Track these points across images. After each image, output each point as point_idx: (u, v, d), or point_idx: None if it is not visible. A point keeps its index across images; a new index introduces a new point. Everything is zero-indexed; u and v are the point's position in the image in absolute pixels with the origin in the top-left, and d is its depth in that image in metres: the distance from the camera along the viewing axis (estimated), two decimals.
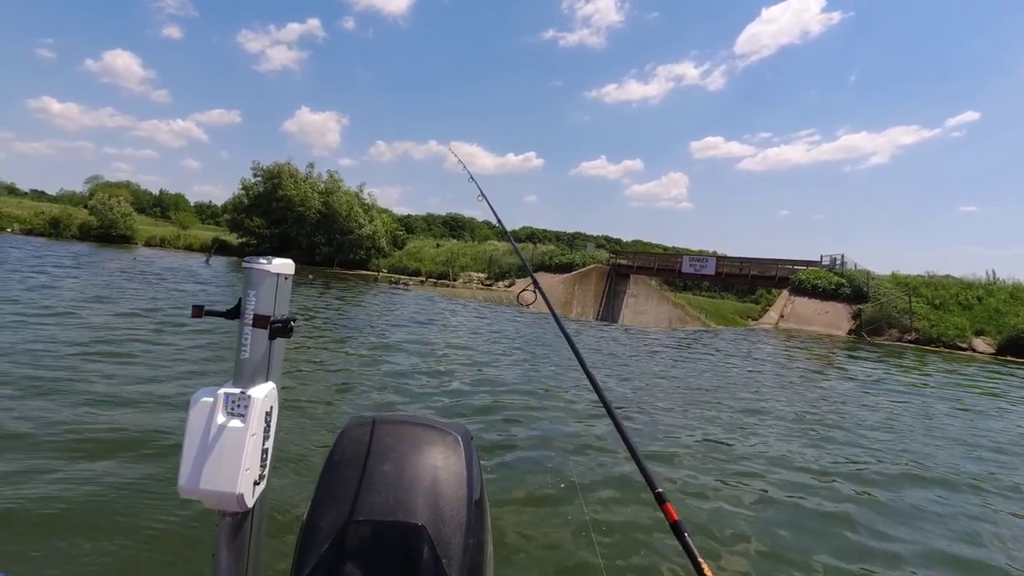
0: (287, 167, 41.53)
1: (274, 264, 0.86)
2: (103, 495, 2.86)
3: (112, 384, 4.82)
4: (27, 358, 5.27)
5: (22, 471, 3.01)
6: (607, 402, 1.04)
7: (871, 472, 4.45)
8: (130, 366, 5.57)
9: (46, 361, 5.24)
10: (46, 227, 39.94)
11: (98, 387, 4.67)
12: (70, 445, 3.41)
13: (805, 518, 3.46)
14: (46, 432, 3.54)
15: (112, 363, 5.55)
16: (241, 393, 0.80)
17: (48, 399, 4.19)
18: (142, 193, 71.51)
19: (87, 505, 2.75)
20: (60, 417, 3.82)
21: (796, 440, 5.24)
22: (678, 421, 5.57)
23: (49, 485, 2.89)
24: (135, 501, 2.83)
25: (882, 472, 4.47)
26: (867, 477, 4.32)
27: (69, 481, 2.95)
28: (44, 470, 3.06)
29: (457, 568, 0.69)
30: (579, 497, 3.42)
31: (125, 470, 3.15)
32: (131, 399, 4.45)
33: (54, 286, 11.35)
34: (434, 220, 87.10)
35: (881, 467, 4.61)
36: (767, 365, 11.17)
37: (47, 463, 3.15)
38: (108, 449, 3.41)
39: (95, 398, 4.34)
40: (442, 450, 0.79)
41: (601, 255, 35.31)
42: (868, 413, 6.87)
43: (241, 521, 0.84)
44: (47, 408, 3.99)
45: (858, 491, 3.98)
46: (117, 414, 4.06)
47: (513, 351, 9.82)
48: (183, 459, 0.78)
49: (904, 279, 24.96)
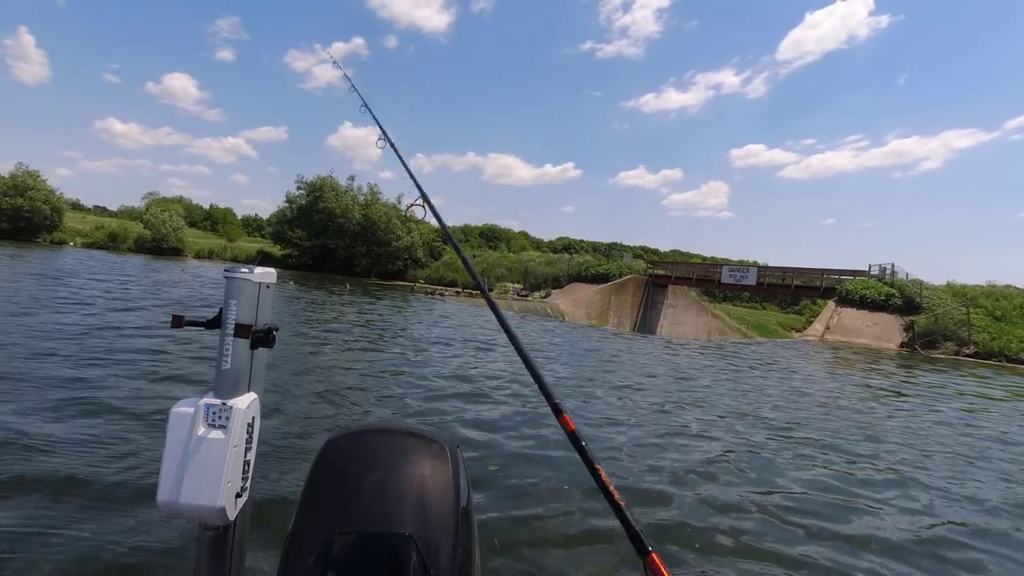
0: (329, 180, 42.74)
1: (256, 273, 0.84)
2: (80, 508, 2.82)
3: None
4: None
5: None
6: (526, 356, 1.04)
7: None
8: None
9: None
10: (105, 240, 42.20)
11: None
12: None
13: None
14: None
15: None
16: (222, 404, 0.79)
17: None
18: (194, 207, 74.95)
19: (65, 519, 2.71)
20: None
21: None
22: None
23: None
24: (112, 514, 2.80)
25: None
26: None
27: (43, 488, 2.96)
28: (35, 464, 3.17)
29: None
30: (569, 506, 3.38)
31: (103, 482, 3.11)
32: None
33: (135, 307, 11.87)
34: (471, 231, 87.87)
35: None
36: (820, 383, 10.74)
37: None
38: (85, 461, 3.36)
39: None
40: (429, 459, 0.78)
41: (638, 265, 34.89)
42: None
43: (223, 535, 0.83)
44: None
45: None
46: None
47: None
48: (162, 472, 0.76)
49: (961, 289, 23.72)
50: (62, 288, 12.60)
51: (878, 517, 3.77)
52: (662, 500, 3.70)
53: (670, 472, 4.24)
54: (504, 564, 2.74)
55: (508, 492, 3.59)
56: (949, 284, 24.55)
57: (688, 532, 3.25)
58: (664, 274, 32.44)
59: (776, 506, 3.75)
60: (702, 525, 3.35)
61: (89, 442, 3.65)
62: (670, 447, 4.96)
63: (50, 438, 3.63)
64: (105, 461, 3.38)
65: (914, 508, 4.04)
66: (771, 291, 31.98)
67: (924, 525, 3.72)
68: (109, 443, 3.68)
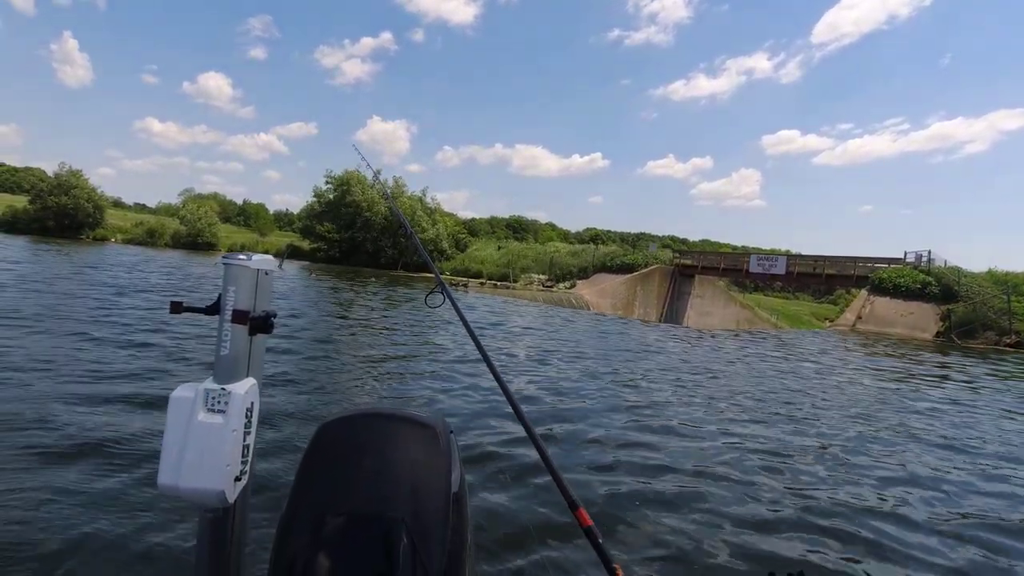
0: (356, 174, 43.39)
1: (254, 260, 0.85)
2: (84, 490, 2.92)
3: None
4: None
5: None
6: (522, 416, 1.03)
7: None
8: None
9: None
10: (143, 236, 43.77)
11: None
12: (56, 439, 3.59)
13: None
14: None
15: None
16: (222, 389, 0.81)
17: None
18: (227, 203, 76.83)
19: (69, 498, 2.80)
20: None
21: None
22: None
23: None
24: (115, 497, 2.87)
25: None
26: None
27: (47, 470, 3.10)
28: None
29: (436, 561, 0.69)
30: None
31: (104, 466, 3.21)
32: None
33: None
34: (498, 223, 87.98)
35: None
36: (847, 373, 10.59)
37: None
38: (84, 447, 3.47)
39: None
40: (422, 443, 0.78)
41: (664, 255, 34.53)
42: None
43: (222, 518, 0.84)
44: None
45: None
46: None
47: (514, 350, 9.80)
48: (163, 456, 0.78)
49: (1003, 276, 22.80)
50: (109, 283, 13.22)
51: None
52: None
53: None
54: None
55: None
56: (990, 271, 23.64)
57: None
58: (691, 264, 32.07)
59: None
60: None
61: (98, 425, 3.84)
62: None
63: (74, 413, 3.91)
64: (111, 443, 3.53)
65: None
66: (801, 280, 31.32)
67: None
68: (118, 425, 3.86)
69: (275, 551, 0.72)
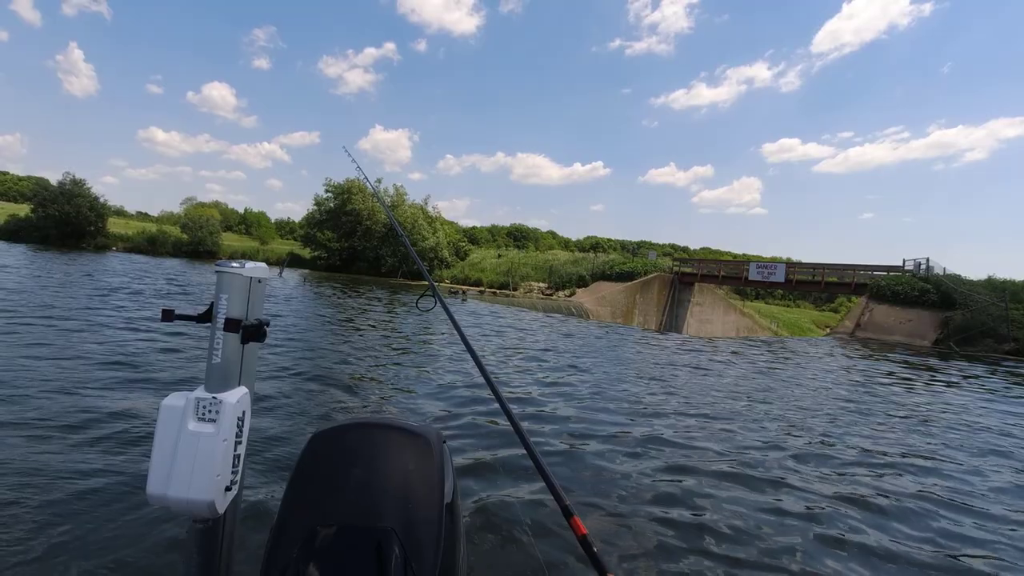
0: (356, 183, 43.54)
1: (247, 267, 0.84)
2: (68, 497, 2.86)
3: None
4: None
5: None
6: (512, 417, 1.04)
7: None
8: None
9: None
10: (145, 245, 43.89)
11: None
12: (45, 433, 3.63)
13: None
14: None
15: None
16: (212, 398, 0.79)
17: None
18: (230, 212, 77.00)
19: (52, 508, 2.74)
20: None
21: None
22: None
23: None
24: (103, 505, 2.82)
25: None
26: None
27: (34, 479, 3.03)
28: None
29: (429, 571, 0.68)
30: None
31: (91, 471, 3.16)
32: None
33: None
34: (498, 231, 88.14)
35: None
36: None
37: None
38: (77, 447, 3.45)
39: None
40: (414, 453, 0.79)
41: (663, 263, 34.62)
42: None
43: (212, 528, 0.83)
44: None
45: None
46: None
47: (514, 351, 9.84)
48: (152, 465, 0.77)
49: (1001, 284, 22.87)
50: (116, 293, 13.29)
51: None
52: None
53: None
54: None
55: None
56: (989, 279, 23.72)
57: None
58: (690, 272, 32.14)
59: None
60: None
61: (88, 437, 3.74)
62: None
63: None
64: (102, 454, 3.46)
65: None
66: (801, 288, 31.39)
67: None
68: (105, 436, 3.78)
69: (266, 562, 0.71)
